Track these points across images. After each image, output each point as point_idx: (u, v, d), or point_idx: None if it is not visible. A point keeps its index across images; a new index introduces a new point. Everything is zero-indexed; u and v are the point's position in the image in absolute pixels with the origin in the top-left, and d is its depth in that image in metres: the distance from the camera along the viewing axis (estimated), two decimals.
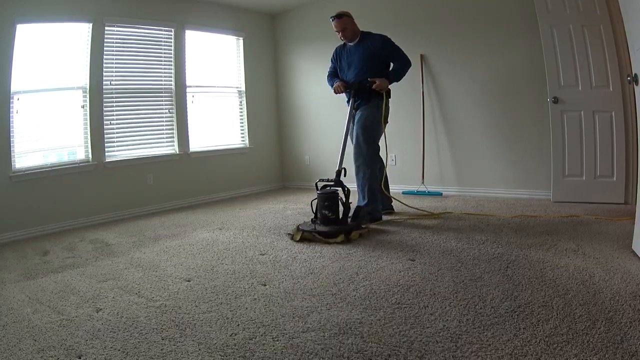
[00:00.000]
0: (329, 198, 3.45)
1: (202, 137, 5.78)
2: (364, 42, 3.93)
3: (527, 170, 4.56)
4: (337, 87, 4.00)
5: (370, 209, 3.82)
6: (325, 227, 3.42)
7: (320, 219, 3.50)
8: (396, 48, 3.90)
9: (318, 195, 3.51)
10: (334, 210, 3.45)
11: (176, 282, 2.64)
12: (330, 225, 3.42)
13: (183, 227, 4.23)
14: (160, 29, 5.27)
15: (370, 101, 3.87)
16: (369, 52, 3.88)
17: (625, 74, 3.81)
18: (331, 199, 3.45)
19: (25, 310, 2.33)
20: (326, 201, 3.44)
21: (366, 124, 3.83)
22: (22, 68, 4.23)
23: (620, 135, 3.93)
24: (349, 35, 3.93)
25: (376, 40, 3.89)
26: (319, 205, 3.49)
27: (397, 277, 2.49)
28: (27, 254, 3.59)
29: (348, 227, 3.40)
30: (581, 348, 1.59)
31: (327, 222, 3.45)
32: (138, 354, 1.77)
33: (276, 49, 6.68)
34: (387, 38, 3.91)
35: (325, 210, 3.45)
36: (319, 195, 3.50)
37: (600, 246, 2.80)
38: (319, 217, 3.50)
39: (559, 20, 4.06)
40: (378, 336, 1.80)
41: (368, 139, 3.82)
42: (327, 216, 3.45)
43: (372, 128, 3.84)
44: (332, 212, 3.44)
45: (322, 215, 3.47)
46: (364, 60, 3.89)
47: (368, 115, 3.84)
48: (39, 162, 4.42)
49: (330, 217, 3.44)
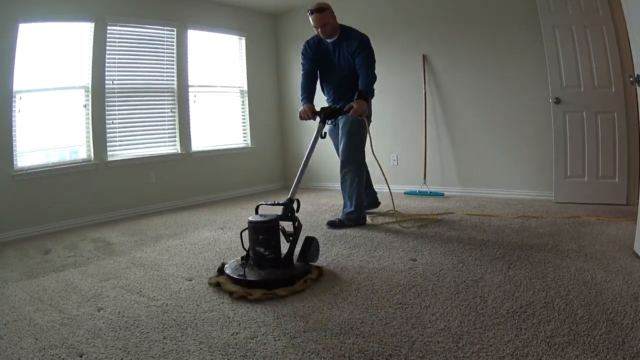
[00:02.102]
0: (266, 229, 2.51)
1: (204, 136, 5.78)
2: (342, 43, 3.62)
3: (529, 171, 4.55)
4: (302, 112, 3.55)
5: (356, 216, 3.77)
6: (259, 271, 2.47)
7: (253, 258, 2.56)
8: (368, 56, 3.56)
9: (249, 226, 2.54)
10: (272, 247, 2.51)
11: (178, 282, 2.64)
12: (266, 269, 2.48)
13: (185, 226, 4.23)
14: (162, 29, 5.27)
15: None
16: (349, 62, 3.61)
17: (628, 75, 3.80)
18: (269, 230, 2.51)
19: (26, 309, 2.34)
20: (261, 234, 2.50)
21: (352, 129, 3.67)
22: (24, 67, 4.23)
23: (623, 136, 3.93)
24: (329, 31, 3.58)
25: (352, 44, 3.57)
26: (251, 239, 2.54)
27: (398, 277, 2.49)
28: (29, 252, 3.59)
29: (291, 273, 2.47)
30: (582, 349, 1.59)
31: (262, 263, 2.51)
32: (139, 353, 1.77)
33: (278, 49, 6.68)
34: (364, 40, 3.59)
35: (260, 248, 2.50)
36: (250, 225, 2.53)
37: (602, 247, 2.80)
38: (252, 256, 2.56)
39: (561, 20, 4.05)
40: (379, 336, 1.80)
41: (356, 144, 3.70)
42: (263, 255, 2.50)
43: (359, 132, 3.68)
44: (269, 249, 2.50)
45: (255, 254, 2.53)
46: (345, 66, 3.64)
47: (353, 120, 3.61)
48: (41, 161, 4.43)
49: (267, 256, 2.50)
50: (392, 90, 5.41)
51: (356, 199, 3.75)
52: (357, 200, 3.76)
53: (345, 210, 3.83)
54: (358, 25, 3.80)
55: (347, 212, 3.79)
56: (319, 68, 3.82)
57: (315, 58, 3.77)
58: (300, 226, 2.76)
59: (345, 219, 3.78)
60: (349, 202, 3.79)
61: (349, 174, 3.73)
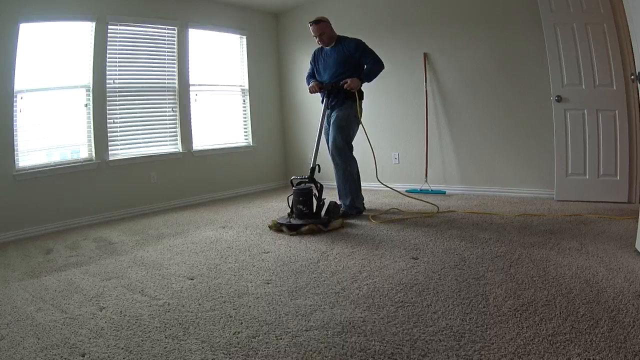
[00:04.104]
0: (304, 194, 3.74)
1: (205, 135, 5.78)
2: (338, 46, 4.10)
3: (531, 169, 4.55)
4: (312, 87, 4.20)
5: (357, 203, 4.14)
6: (300, 220, 3.70)
7: (295, 213, 3.77)
8: (368, 51, 4.04)
9: (293, 192, 3.80)
10: (308, 205, 3.73)
11: (179, 281, 2.64)
12: (304, 219, 3.71)
13: (186, 225, 4.24)
14: (163, 28, 5.28)
15: (344, 102, 4.05)
16: (343, 55, 4.05)
17: (629, 73, 3.80)
18: (305, 194, 3.74)
19: (28, 308, 2.34)
20: (301, 196, 3.73)
21: (341, 124, 4.02)
22: (25, 67, 4.23)
23: (624, 134, 3.92)
24: (326, 40, 4.10)
25: (350, 44, 4.05)
26: (294, 200, 3.78)
27: (400, 275, 2.49)
28: (31, 252, 3.60)
29: (321, 220, 3.69)
30: (584, 347, 1.59)
31: (301, 216, 3.73)
32: (141, 353, 1.77)
33: (279, 47, 6.68)
34: (360, 41, 4.07)
35: (300, 205, 3.73)
36: (294, 191, 3.80)
37: (603, 245, 2.80)
38: (295, 212, 3.78)
39: (563, 18, 4.05)
40: (381, 334, 1.80)
41: (344, 138, 4.02)
42: (302, 210, 3.73)
43: (347, 127, 4.03)
44: (306, 206, 3.72)
45: (297, 210, 3.75)
46: (338, 63, 4.07)
47: (342, 115, 4.03)
48: (43, 161, 4.43)
49: (304, 211, 3.72)
50: (394, 89, 5.40)
51: (350, 188, 4.10)
52: (351, 188, 4.10)
53: (344, 200, 4.13)
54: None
55: (349, 203, 4.11)
56: (316, 69, 4.32)
57: (316, 62, 4.32)
58: (322, 187, 3.85)
59: (347, 208, 4.11)
60: (344, 191, 4.12)
61: (340, 165, 4.06)
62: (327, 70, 4.16)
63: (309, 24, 4.09)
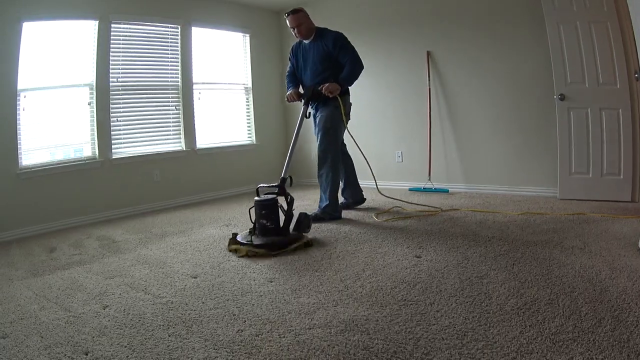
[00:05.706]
0: (266, 206, 3.14)
1: (208, 133, 5.78)
2: (317, 42, 3.89)
3: (534, 168, 4.54)
4: (289, 96, 4.00)
5: (331, 209, 3.93)
6: (263, 238, 3.10)
7: (258, 229, 3.19)
8: (345, 47, 3.80)
9: (255, 204, 3.20)
10: (273, 220, 3.15)
11: (183, 279, 2.65)
12: (268, 237, 3.12)
13: (190, 223, 4.24)
14: (166, 26, 5.28)
15: (328, 102, 3.85)
16: (322, 53, 3.85)
17: (633, 71, 3.79)
18: (268, 207, 3.14)
19: (32, 307, 2.35)
20: (264, 209, 3.14)
21: (327, 125, 3.86)
22: (28, 66, 4.24)
23: (627, 133, 3.91)
24: (304, 32, 3.87)
25: (328, 39, 3.82)
26: (256, 214, 3.18)
27: (403, 274, 2.50)
28: (34, 251, 3.61)
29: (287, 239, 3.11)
30: (587, 346, 1.59)
31: (265, 232, 3.14)
32: (144, 351, 1.78)
33: (283, 46, 6.66)
34: (339, 36, 3.84)
35: (264, 220, 3.14)
36: (255, 203, 3.19)
37: (606, 244, 2.79)
38: (257, 228, 3.20)
39: (566, 16, 4.03)
40: (384, 333, 1.80)
41: (331, 140, 3.88)
42: (266, 226, 3.14)
43: (333, 128, 3.87)
44: (270, 221, 3.14)
45: (259, 225, 3.17)
46: (318, 62, 3.88)
47: (327, 116, 3.86)
48: (46, 159, 4.44)
49: (269, 226, 3.14)
50: (397, 87, 5.40)
51: (330, 193, 3.92)
52: (331, 194, 3.93)
53: (321, 204, 3.98)
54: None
55: (324, 206, 3.94)
56: (297, 67, 4.11)
57: (295, 57, 4.10)
58: (292, 199, 3.32)
59: (320, 212, 3.93)
60: (324, 195, 3.96)
61: (325, 170, 3.92)
62: (307, 69, 3.96)
63: (285, 15, 3.87)
